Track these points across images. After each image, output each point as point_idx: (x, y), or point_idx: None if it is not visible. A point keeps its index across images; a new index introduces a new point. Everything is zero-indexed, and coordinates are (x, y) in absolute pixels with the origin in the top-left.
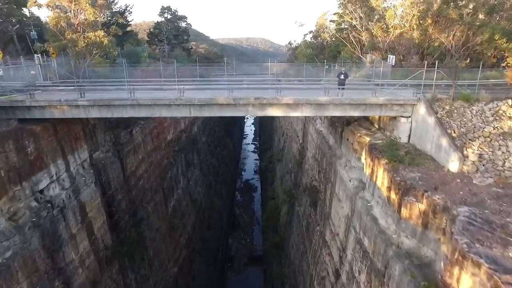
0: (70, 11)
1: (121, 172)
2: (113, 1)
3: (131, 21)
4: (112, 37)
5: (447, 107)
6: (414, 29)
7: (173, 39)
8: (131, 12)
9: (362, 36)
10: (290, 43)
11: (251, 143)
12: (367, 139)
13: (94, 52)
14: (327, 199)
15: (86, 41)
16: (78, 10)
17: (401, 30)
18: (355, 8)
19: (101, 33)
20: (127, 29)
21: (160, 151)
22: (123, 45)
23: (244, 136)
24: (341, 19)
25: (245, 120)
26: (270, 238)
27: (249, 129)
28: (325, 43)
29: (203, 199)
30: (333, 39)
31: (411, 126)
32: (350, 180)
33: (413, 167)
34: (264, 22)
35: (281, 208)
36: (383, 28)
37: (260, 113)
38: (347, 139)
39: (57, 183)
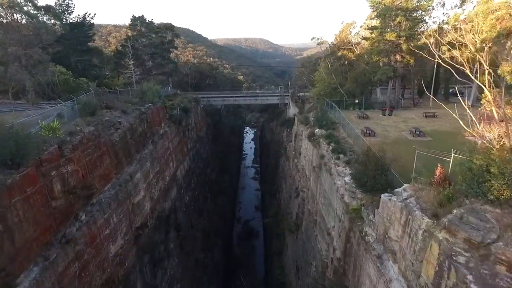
0: None
1: None
2: (66, 10)
3: (92, 35)
4: None
5: None
6: None
7: (147, 60)
8: (93, 24)
9: (484, 80)
10: (303, 65)
11: (251, 166)
12: None
13: None
14: None
15: None
16: None
17: None
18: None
19: None
20: (89, 47)
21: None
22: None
23: (244, 156)
24: (380, 37)
25: (244, 134)
26: None
27: (249, 146)
28: (347, 62)
29: None
30: (366, 61)
31: None
32: None
33: None
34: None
35: None
36: None
37: None
38: None
39: None
